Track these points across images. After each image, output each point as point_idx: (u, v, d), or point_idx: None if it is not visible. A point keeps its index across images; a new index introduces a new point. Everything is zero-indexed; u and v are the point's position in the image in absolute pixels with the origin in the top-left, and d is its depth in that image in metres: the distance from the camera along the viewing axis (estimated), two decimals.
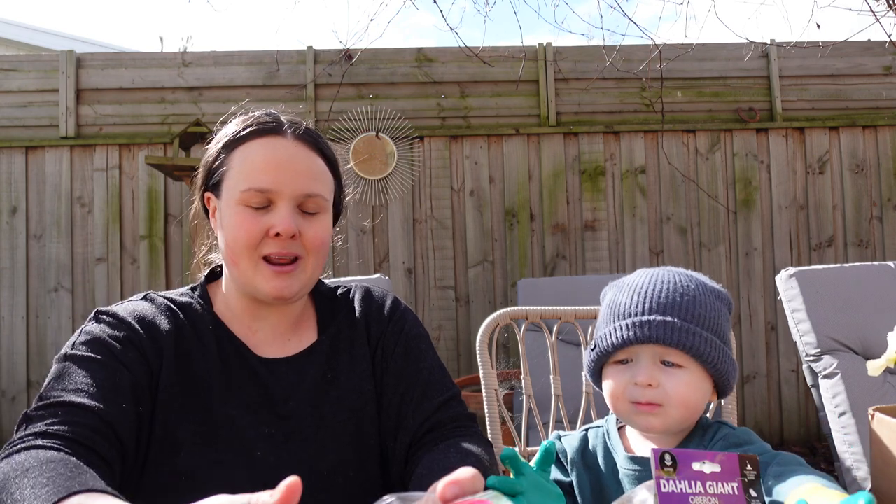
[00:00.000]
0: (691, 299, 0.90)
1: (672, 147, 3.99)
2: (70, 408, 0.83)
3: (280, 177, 0.96)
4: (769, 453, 0.84)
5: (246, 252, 0.97)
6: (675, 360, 0.88)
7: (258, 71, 3.98)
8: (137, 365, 0.91)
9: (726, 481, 0.70)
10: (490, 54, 3.95)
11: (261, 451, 0.93)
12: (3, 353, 3.75)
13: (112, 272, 3.81)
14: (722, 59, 4.08)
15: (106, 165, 3.86)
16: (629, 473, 0.91)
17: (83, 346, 0.91)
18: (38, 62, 3.96)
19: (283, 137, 1.00)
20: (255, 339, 1.03)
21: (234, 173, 0.99)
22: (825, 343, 1.79)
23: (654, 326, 0.87)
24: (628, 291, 0.92)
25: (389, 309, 1.11)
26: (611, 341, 0.90)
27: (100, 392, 0.86)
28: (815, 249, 3.98)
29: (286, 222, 0.95)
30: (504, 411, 1.43)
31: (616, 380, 0.91)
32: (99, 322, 0.95)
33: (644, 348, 0.88)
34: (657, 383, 0.87)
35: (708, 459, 0.70)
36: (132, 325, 0.95)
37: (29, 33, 7.44)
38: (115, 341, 0.92)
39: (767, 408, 3.91)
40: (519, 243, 3.93)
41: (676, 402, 0.87)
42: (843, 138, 4.03)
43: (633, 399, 0.89)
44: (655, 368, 0.88)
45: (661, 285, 0.91)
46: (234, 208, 0.97)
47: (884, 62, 4.10)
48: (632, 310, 0.89)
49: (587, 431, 0.99)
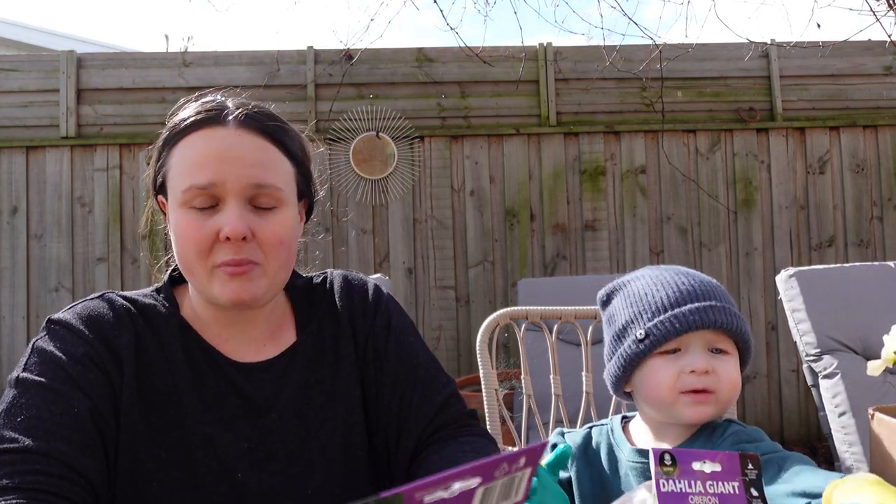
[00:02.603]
0: (721, 287, 0.92)
1: (672, 147, 3.99)
2: (27, 455, 0.75)
3: (222, 169, 0.85)
4: (781, 453, 0.83)
5: (198, 260, 0.86)
6: (724, 347, 0.90)
7: (259, 71, 3.98)
8: (98, 388, 0.82)
9: (727, 480, 0.70)
10: (490, 54, 3.95)
11: (241, 472, 0.85)
12: (4, 352, 3.76)
13: (112, 272, 3.81)
14: (722, 59, 4.07)
15: (106, 165, 3.86)
16: (635, 466, 0.91)
17: (36, 368, 0.82)
18: (38, 62, 3.96)
19: (224, 127, 0.88)
20: (228, 345, 0.93)
21: (175, 172, 0.88)
22: (825, 343, 1.79)
23: (717, 311, 0.88)
24: (662, 284, 0.92)
25: (373, 299, 1.02)
26: (672, 327, 0.88)
27: (59, 430, 0.77)
28: (816, 249, 3.98)
29: (234, 222, 0.84)
30: (504, 411, 1.43)
31: (667, 371, 0.89)
32: (52, 336, 0.85)
33: (696, 336, 0.89)
34: (713, 369, 0.88)
35: (708, 459, 0.70)
36: (88, 337, 0.85)
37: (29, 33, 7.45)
38: (72, 360, 0.82)
39: (768, 408, 3.91)
40: (519, 243, 3.93)
41: (728, 388, 0.88)
42: (844, 138, 4.03)
43: (685, 388, 0.88)
44: (709, 355, 0.89)
45: (690, 277, 0.92)
46: (178, 212, 0.87)
47: (884, 62, 4.10)
48: (683, 297, 0.89)
49: (591, 429, 0.99)
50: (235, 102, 0.92)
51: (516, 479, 0.49)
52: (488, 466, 0.46)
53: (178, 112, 0.94)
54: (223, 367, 0.90)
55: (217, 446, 0.85)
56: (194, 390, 0.88)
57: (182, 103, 0.95)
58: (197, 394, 0.87)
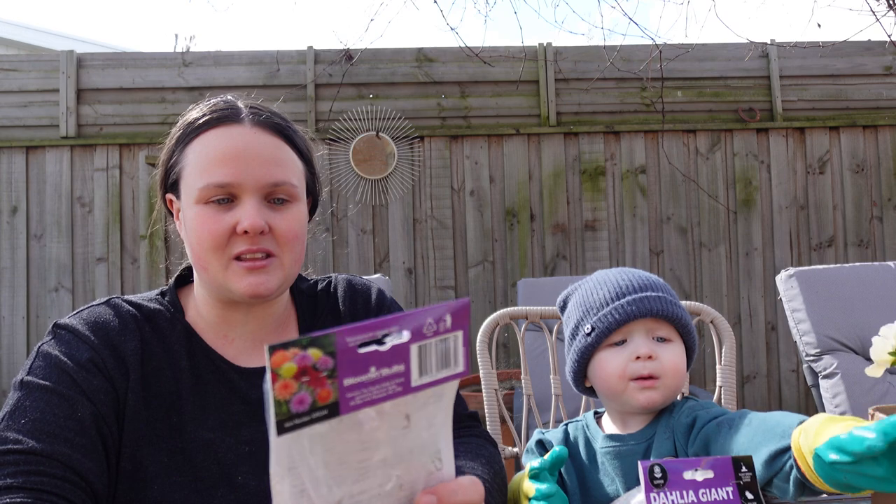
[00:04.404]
0: (662, 281, 1.00)
1: (672, 147, 4.00)
2: (30, 456, 0.76)
3: (240, 168, 0.87)
4: (730, 414, 0.89)
5: (213, 254, 0.87)
6: (665, 335, 0.96)
7: (258, 71, 3.98)
8: (101, 393, 0.83)
9: (720, 486, 0.69)
10: (490, 54, 3.95)
11: (241, 475, 0.86)
12: (4, 352, 3.76)
13: (112, 272, 3.81)
14: (722, 59, 4.08)
15: (106, 165, 3.86)
16: (609, 451, 0.96)
17: (40, 372, 0.83)
18: (38, 62, 3.96)
19: (241, 125, 0.90)
20: (232, 348, 0.94)
21: (191, 170, 0.89)
22: (825, 343, 1.79)
23: (653, 300, 0.95)
24: (604, 283, 0.99)
25: (376, 303, 1.03)
26: (614, 318, 0.95)
27: (62, 433, 0.78)
28: (816, 249, 3.98)
29: (252, 217, 0.86)
30: (504, 411, 1.44)
31: (614, 360, 0.96)
32: (58, 341, 0.86)
33: (638, 326, 0.95)
34: (656, 355, 0.94)
35: (699, 466, 0.70)
36: (94, 343, 0.86)
37: (29, 33, 7.45)
38: (77, 365, 0.83)
39: (767, 408, 3.91)
40: (519, 243, 3.94)
41: (672, 373, 0.95)
42: (844, 138, 4.03)
43: (633, 375, 0.94)
44: (652, 343, 0.96)
45: (630, 273, 1.00)
46: (194, 208, 0.88)
47: (884, 62, 4.10)
48: (623, 291, 0.97)
49: (567, 426, 1.05)
50: (246, 102, 0.94)
51: (451, 344, 0.49)
52: (413, 318, 0.47)
53: (189, 113, 0.95)
54: (226, 372, 0.91)
55: (218, 450, 0.86)
56: (197, 397, 0.88)
57: (191, 108, 0.96)
58: (200, 400, 0.88)
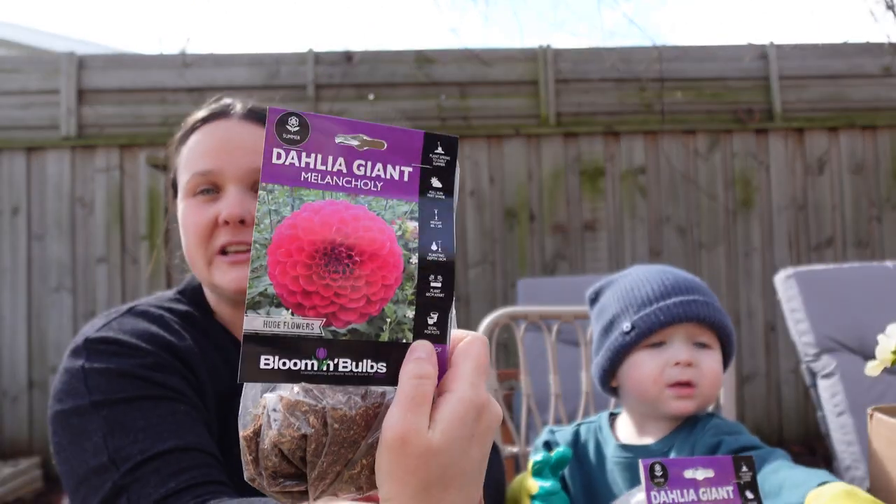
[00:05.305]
0: (705, 285, 0.95)
1: (672, 147, 4.00)
2: (168, 456, 0.73)
3: (222, 156, 0.88)
4: (762, 449, 0.85)
5: (198, 249, 0.87)
6: (706, 341, 0.91)
7: (259, 72, 3.98)
8: (180, 388, 0.81)
9: (721, 486, 0.70)
10: (490, 55, 3.96)
11: None
12: (5, 353, 3.76)
13: (113, 272, 3.81)
14: (721, 59, 4.08)
15: (107, 166, 3.86)
16: (620, 461, 0.92)
17: (106, 387, 0.78)
18: (39, 63, 3.97)
19: (229, 119, 0.92)
20: None
21: (182, 167, 0.92)
22: (824, 343, 1.80)
23: (700, 305, 0.90)
24: (648, 280, 0.94)
25: None
26: (657, 319, 0.90)
27: (176, 427, 0.76)
28: (815, 249, 3.98)
29: (232, 206, 0.85)
30: (504, 411, 1.44)
31: (651, 363, 0.91)
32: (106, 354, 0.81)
33: (680, 329, 0.91)
34: (696, 362, 0.90)
35: (700, 465, 0.70)
36: (149, 349, 0.83)
37: (30, 35, 7.45)
38: (145, 368, 0.80)
39: (766, 407, 3.92)
40: (519, 243, 3.94)
41: (710, 382, 0.90)
42: (843, 139, 4.04)
43: (670, 381, 0.90)
44: (692, 348, 0.91)
45: (675, 273, 0.95)
46: (183, 203, 0.89)
47: (883, 62, 4.10)
48: (668, 291, 0.91)
49: (580, 426, 1.01)
50: (242, 101, 0.96)
51: None
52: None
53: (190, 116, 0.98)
54: None
55: None
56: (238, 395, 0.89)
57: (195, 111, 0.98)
58: None
